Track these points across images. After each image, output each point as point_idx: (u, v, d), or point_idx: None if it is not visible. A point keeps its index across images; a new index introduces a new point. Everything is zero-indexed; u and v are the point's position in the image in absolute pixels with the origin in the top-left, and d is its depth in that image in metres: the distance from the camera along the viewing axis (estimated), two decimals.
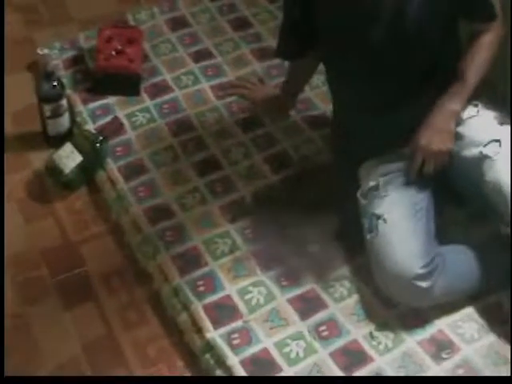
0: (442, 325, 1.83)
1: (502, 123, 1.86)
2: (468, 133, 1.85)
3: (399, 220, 1.81)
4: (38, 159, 2.22)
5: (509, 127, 1.84)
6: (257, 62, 2.48)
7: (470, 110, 1.88)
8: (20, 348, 1.81)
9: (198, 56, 2.50)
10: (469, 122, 1.87)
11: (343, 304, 1.86)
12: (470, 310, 1.86)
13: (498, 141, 1.80)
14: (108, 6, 2.71)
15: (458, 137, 1.84)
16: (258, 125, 2.29)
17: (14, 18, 2.65)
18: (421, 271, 1.73)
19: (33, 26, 2.64)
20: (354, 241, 1.92)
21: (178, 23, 2.61)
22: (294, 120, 2.30)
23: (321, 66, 2.16)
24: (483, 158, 1.78)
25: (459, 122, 1.85)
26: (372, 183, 1.87)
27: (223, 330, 1.80)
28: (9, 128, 2.30)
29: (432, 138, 1.80)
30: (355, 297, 1.88)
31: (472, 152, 1.82)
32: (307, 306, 1.86)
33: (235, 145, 2.23)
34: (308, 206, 2.04)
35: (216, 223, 2.03)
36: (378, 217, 1.80)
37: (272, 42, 2.44)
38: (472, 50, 1.87)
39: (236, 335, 1.79)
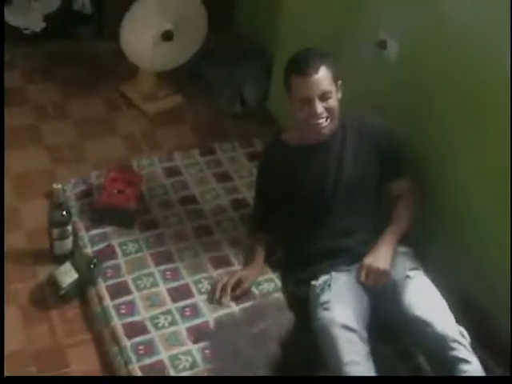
0: None
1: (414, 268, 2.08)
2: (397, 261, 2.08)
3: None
4: (42, 272, 2.28)
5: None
6: (233, 211, 2.54)
7: (400, 248, 2.13)
8: None
9: (185, 201, 2.58)
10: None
11: None
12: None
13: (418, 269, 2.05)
14: (118, 152, 2.84)
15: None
16: (227, 263, 2.33)
17: (42, 155, 2.77)
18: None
19: (56, 163, 2.74)
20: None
21: (172, 172, 2.70)
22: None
23: None
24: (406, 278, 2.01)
25: (395, 253, 2.09)
26: (325, 277, 2.07)
27: None
28: (23, 244, 2.38)
29: (375, 261, 2.04)
30: None
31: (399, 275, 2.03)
32: None
33: (205, 278, 2.26)
34: (260, 335, 2.08)
35: (182, 342, 2.07)
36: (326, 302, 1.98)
37: (246, 194, 2.60)
38: (397, 205, 2.19)
39: None
